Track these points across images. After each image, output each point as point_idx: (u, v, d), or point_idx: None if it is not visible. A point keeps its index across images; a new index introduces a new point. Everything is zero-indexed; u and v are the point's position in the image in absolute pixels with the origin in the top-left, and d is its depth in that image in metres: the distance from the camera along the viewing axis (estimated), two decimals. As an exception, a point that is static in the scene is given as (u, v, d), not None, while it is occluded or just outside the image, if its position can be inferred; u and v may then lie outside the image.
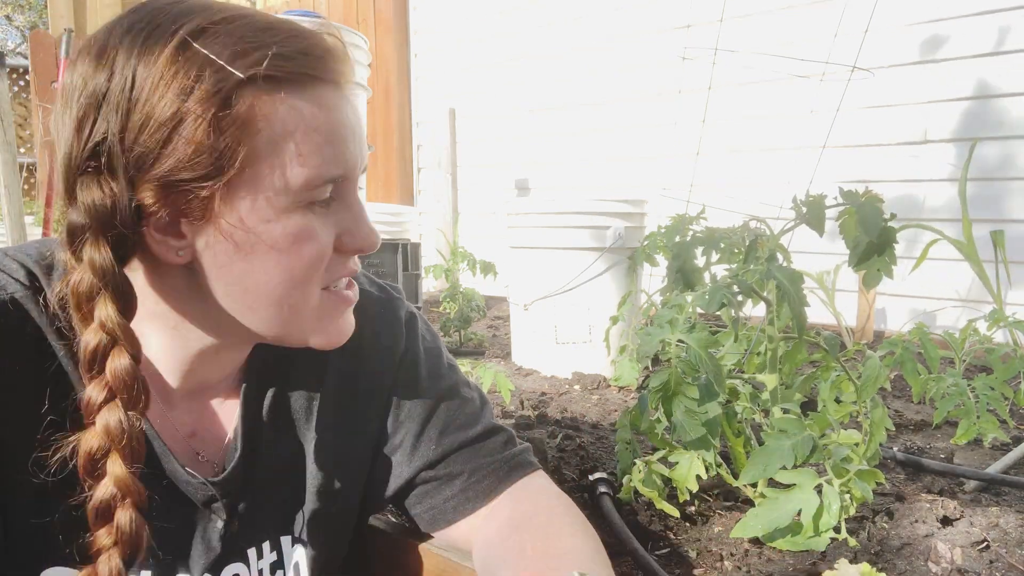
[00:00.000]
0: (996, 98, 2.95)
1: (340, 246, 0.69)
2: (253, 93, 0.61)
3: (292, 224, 0.64)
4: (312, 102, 0.63)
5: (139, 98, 0.59)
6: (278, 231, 0.64)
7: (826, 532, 1.04)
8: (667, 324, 1.08)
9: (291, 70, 0.62)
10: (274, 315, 0.68)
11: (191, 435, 0.77)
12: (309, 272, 0.67)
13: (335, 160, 0.65)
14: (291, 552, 0.83)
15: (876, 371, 1.16)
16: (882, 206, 1.11)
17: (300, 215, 0.65)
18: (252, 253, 0.64)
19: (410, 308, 0.92)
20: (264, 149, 0.62)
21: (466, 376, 0.94)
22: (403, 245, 2.70)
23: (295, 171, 0.63)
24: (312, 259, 0.66)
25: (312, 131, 0.63)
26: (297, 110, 0.62)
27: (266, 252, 0.64)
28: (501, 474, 0.85)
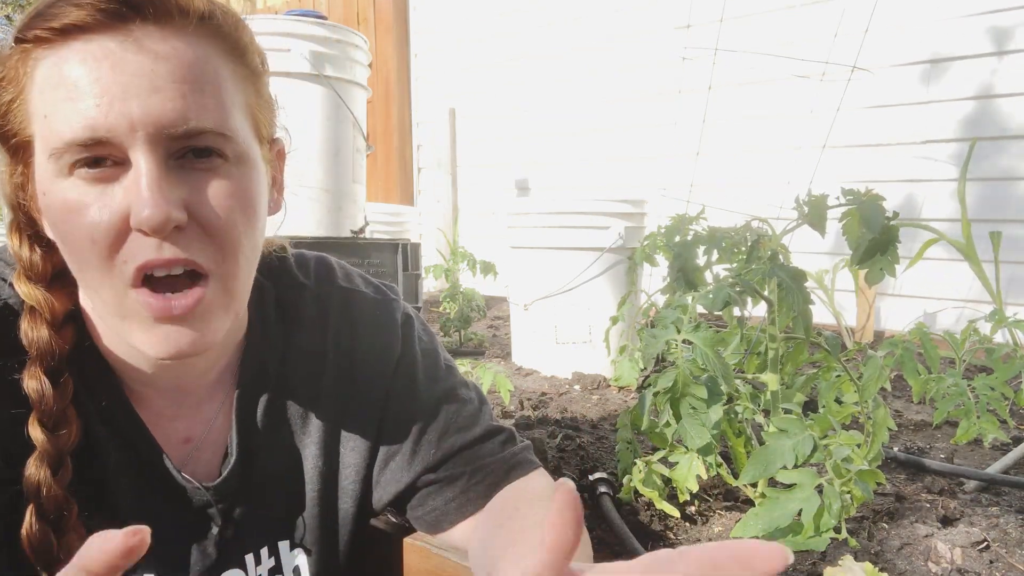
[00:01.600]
0: (996, 98, 2.95)
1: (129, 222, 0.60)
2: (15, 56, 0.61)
3: (59, 193, 0.60)
4: (62, 55, 0.58)
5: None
6: (54, 202, 0.61)
7: (826, 532, 1.04)
8: (671, 325, 1.08)
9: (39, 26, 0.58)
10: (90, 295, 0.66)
11: (186, 441, 0.77)
12: (84, 249, 0.60)
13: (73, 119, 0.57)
14: (290, 558, 0.83)
15: (877, 371, 1.16)
16: (883, 205, 1.11)
17: (69, 184, 0.60)
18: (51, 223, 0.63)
19: (406, 309, 0.90)
20: (30, 113, 0.61)
21: (464, 376, 0.93)
22: (403, 245, 2.70)
23: (44, 134, 0.60)
24: (83, 234, 0.60)
25: (56, 87, 0.58)
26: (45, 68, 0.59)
27: (54, 222, 0.62)
28: (500, 474, 0.85)
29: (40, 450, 0.63)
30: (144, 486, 0.73)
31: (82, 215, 0.59)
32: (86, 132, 0.57)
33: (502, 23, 4.69)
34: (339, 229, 2.62)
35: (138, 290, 0.61)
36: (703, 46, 3.31)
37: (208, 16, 0.63)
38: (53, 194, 0.60)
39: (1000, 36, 2.92)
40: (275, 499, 0.82)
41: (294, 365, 0.81)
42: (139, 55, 0.58)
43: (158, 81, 0.58)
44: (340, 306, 0.85)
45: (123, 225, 0.60)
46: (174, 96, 0.59)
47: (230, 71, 0.64)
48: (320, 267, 0.87)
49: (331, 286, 0.85)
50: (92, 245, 0.60)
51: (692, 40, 3.39)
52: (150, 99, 0.58)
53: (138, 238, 0.60)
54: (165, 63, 0.59)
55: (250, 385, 0.79)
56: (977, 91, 2.99)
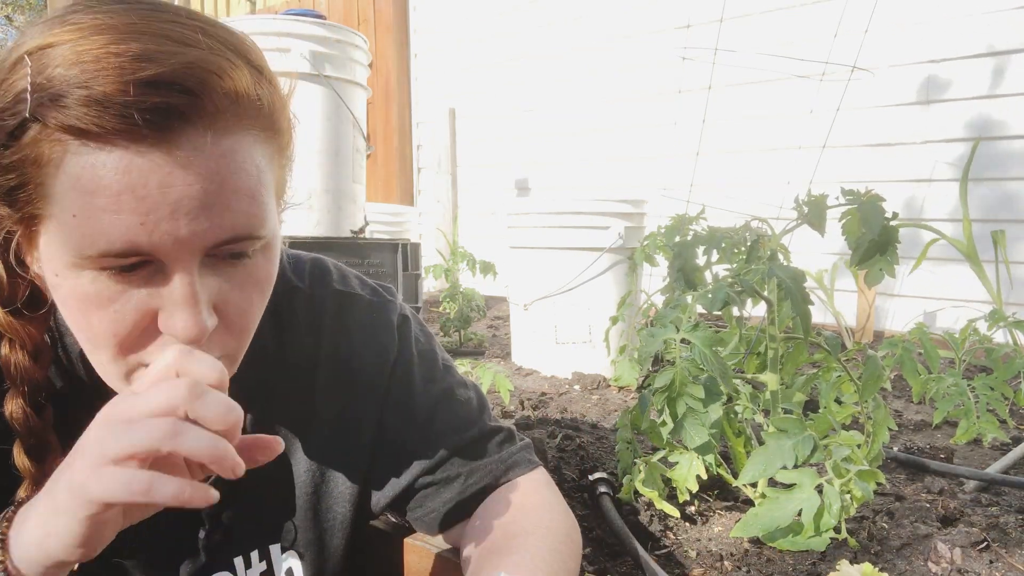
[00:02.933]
0: (996, 98, 2.95)
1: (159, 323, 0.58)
2: (43, 133, 0.53)
3: (81, 285, 0.56)
4: (101, 159, 0.52)
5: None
6: (66, 288, 0.57)
7: (826, 532, 1.04)
8: (670, 324, 1.08)
9: (74, 122, 0.51)
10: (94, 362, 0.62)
11: None
12: (101, 340, 0.58)
13: (117, 233, 0.53)
14: (281, 561, 0.82)
15: (877, 371, 1.16)
16: (883, 205, 1.11)
17: (91, 276, 0.55)
18: (59, 296, 0.59)
19: (403, 310, 0.89)
20: (49, 195, 0.54)
21: (463, 376, 0.92)
22: (403, 245, 2.70)
23: (71, 231, 0.54)
24: (101, 329, 0.57)
25: (88, 193, 0.52)
26: (79, 165, 0.52)
27: (63, 302, 0.59)
28: (497, 474, 0.84)
29: (30, 480, 0.63)
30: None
31: (104, 309, 0.56)
32: (126, 247, 0.54)
33: (502, 23, 4.69)
34: (339, 229, 2.62)
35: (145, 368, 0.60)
36: (703, 46, 3.31)
37: (258, 104, 0.58)
38: (69, 281, 0.57)
39: (1000, 36, 2.92)
40: (265, 503, 0.81)
41: (287, 368, 0.80)
42: (188, 172, 0.53)
43: (207, 200, 0.54)
44: (335, 309, 0.84)
45: (149, 321, 0.58)
46: (222, 211, 0.55)
47: (267, 155, 0.60)
48: (315, 269, 0.87)
49: (325, 288, 0.84)
50: (112, 338, 0.57)
51: (692, 40, 3.39)
52: (198, 219, 0.54)
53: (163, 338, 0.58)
54: (214, 179, 0.55)
55: (241, 389, 0.78)
56: (977, 91, 2.99)
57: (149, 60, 0.51)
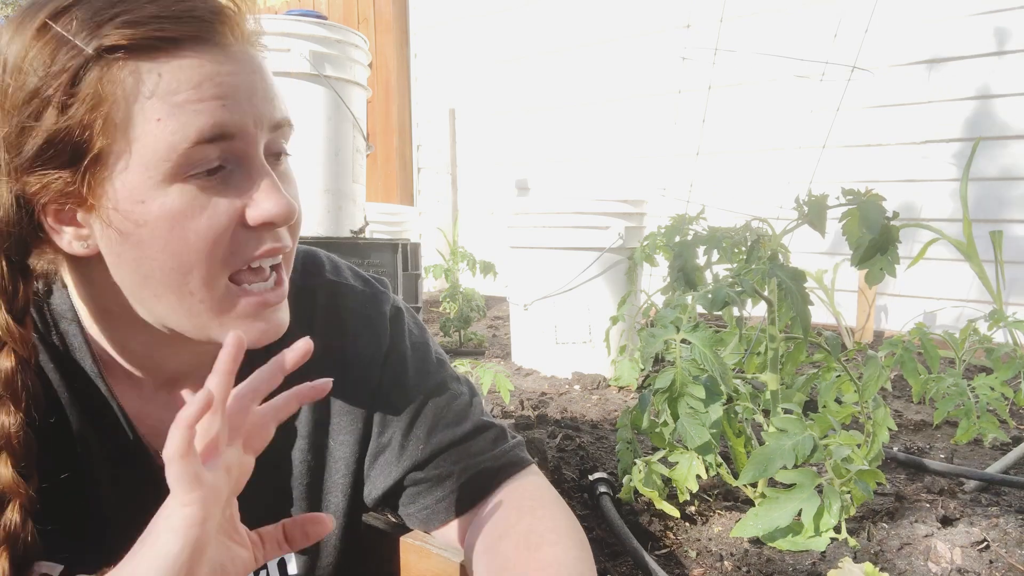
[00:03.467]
0: (997, 98, 2.95)
1: (244, 220, 0.62)
2: (101, 67, 0.57)
3: (170, 200, 0.59)
4: (171, 65, 0.58)
5: (10, 82, 0.58)
6: (155, 210, 0.59)
7: (826, 532, 1.04)
8: (670, 324, 1.08)
9: (140, 36, 0.57)
10: (178, 305, 0.63)
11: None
12: (201, 253, 0.60)
13: (202, 119, 0.58)
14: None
15: (877, 371, 1.16)
16: (884, 205, 1.11)
17: (179, 189, 0.59)
18: (137, 237, 0.60)
19: (396, 302, 0.89)
20: (120, 123, 0.58)
21: (455, 370, 0.91)
22: (403, 245, 2.70)
23: (156, 139, 0.58)
24: (201, 238, 0.60)
25: (170, 93, 0.58)
26: (153, 75, 0.58)
27: (150, 235, 0.60)
28: (491, 473, 0.83)
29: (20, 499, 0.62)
30: (127, 480, 0.72)
31: (199, 218, 0.60)
32: (215, 130, 0.59)
33: (502, 23, 4.69)
34: (339, 229, 2.62)
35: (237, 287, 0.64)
36: (703, 46, 3.31)
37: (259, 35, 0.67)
38: (157, 201, 0.59)
39: (1000, 36, 2.92)
40: (261, 495, 0.80)
41: None
42: (242, 64, 0.62)
43: (261, 85, 0.63)
44: (327, 300, 0.84)
45: (239, 223, 0.62)
46: (272, 96, 0.64)
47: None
48: (307, 261, 0.87)
49: (318, 279, 0.84)
50: (213, 246, 0.61)
51: (692, 40, 3.39)
52: (263, 99, 0.62)
53: (248, 235, 0.63)
54: (258, 71, 0.63)
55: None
56: (977, 91, 2.99)
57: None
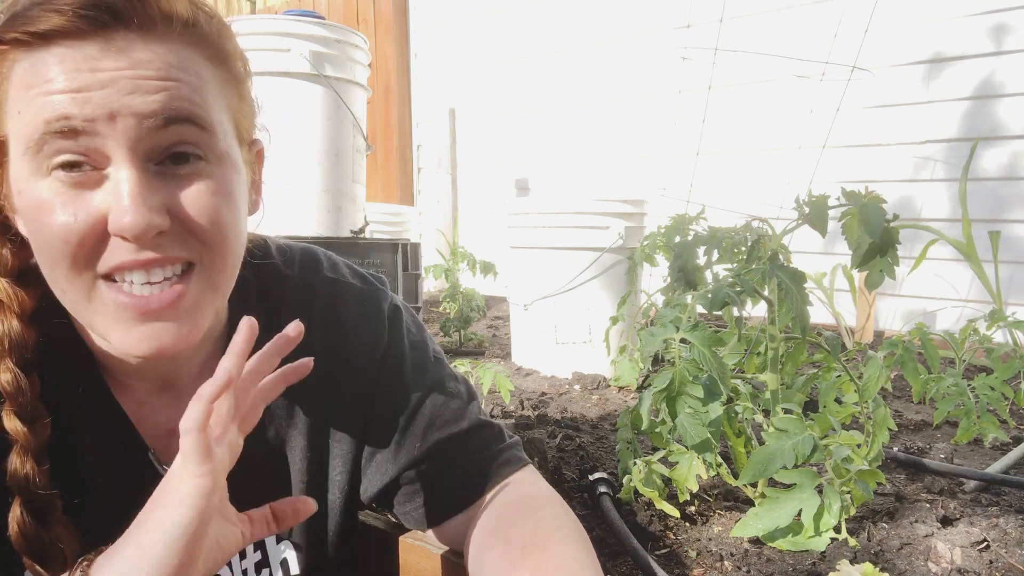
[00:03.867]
0: (997, 98, 2.95)
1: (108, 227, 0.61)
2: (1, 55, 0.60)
3: (37, 193, 0.60)
4: (40, 57, 0.59)
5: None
6: (27, 200, 0.61)
7: (826, 532, 1.04)
8: (670, 324, 1.08)
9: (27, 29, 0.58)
10: (56, 293, 0.65)
11: (170, 432, 0.76)
12: (56, 250, 0.60)
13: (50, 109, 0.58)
14: (277, 551, 0.82)
15: (877, 371, 1.16)
16: (884, 206, 1.11)
17: (47, 183, 0.60)
18: (24, 222, 0.63)
19: (394, 300, 0.89)
20: (3, 112, 0.61)
21: (453, 369, 0.91)
22: (403, 245, 2.70)
23: (19, 130, 0.60)
24: (56, 235, 0.60)
25: (28, 87, 0.59)
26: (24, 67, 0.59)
27: (28, 222, 0.62)
28: (488, 472, 0.83)
29: (22, 443, 0.63)
30: (126, 478, 0.73)
31: (55, 214, 0.59)
32: (60, 119, 0.57)
33: (502, 23, 4.69)
34: (339, 229, 2.62)
35: (109, 286, 0.62)
36: (703, 46, 3.31)
37: (192, 23, 0.63)
38: (28, 192, 0.60)
39: (1000, 36, 2.92)
40: (259, 492, 0.81)
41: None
42: (119, 60, 0.59)
43: (139, 83, 0.59)
44: (325, 296, 0.84)
45: (100, 229, 0.60)
46: (155, 92, 0.60)
47: (212, 75, 0.65)
48: (305, 257, 0.87)
49: (316, 276, 0.84)
50: (64, 245, 0.60)
51: (692, 40, 3.39)
52: (130, 96, 0.59)
53: (116, 244, 0.60)
54: (147, 67, 0.60)
55: None
56: (977, 91, 2.99)
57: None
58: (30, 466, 0.63)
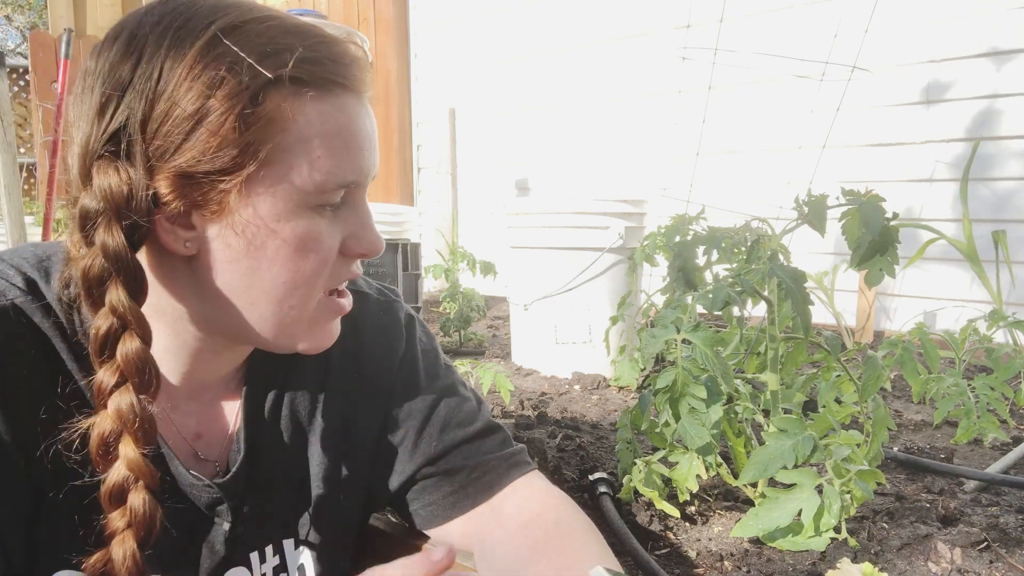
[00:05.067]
0: (996, 98, 2.95)
1: (345, 250, 0.70)
2: (280, 93, 0.62)
3: (303, 225, 0.65)
4: (334, 107, 0.65)
5: (165, 89, 0.60)
6: (288, 231, 0.65)
7: (826, 532, 1.04)
8: (671, 324, 1.08)
9: (317, 74, 0.63)
10: (272, 314, 0.68)
11: (196, 437, 0.77)
12: (314, 274, 0.67)
13: (350, 166, 0.66)
14: (295, 555, 0.83)
15: (877, 371, 1.16)
16: (883, 205, 1.11)
17: (310, 217, 0.65)
18: (261, 250, 0.65)
19: (408, 310, 0.92)
20: (285, 148, 0.63)
21: (462, 376, 0.94)
22: (403, 245, 2.70)
23: (312, 173, 0.64)
24: (318, 261, 0.67)
25: (332, 136, 0.64)
26: (320, 113, 0.64)
27: (275, 250, 0.65)
28: (501, 471, 0.86)
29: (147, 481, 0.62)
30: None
31: (321, 244, 0.67)
32: (358, 176, 0.67)
33: (502, 23, 4.69)
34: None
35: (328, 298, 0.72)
36: (703, 46, 3.31)
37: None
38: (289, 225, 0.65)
39: (1000, 36, 2.92)
40: (280, 497, 0.82)
41: (300, 364, 0.82)
42: (370, 116, 0.70)
43: (375, 138, 0.70)
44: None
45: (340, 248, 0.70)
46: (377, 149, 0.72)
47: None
48: None
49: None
50: (322, 270, 0.68)
51: (692, 40, 3.39)
52: (374, 152, 0.70)
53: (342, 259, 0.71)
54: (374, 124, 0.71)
55: (259, 383, 0.80)
56: (977, 91, 2.99)
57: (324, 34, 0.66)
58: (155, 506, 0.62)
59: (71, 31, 3.60)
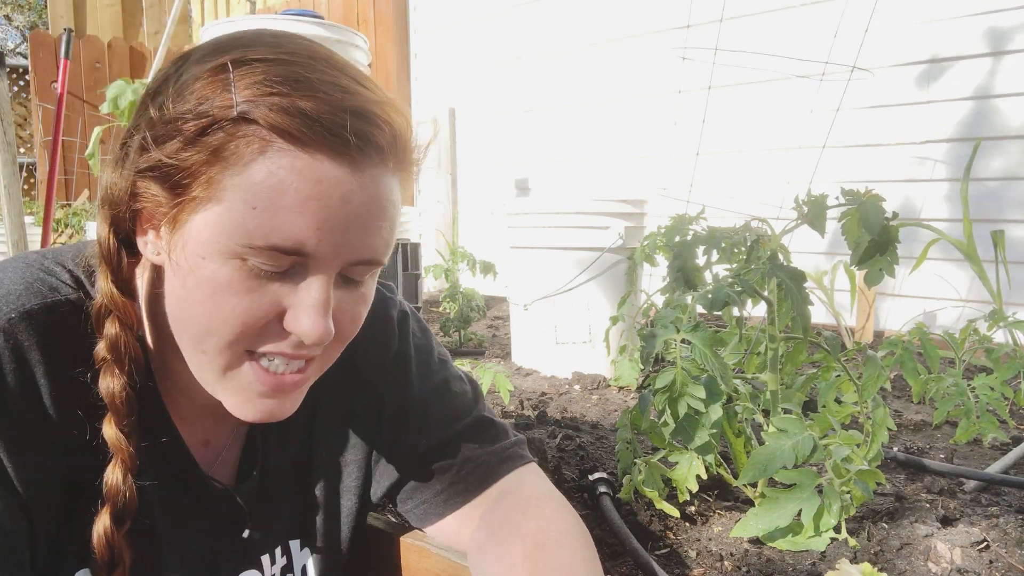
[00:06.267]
0: (996, 98, 2.95)
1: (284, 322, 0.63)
2: (239, 130, 0.58)
3: (225, 272, 0.60)
4: (294, 161, 0.58)
5: (173, 100, 0.61)
6: (208, 271, 0.60)
7: (826, 532, 1.04)
8: (670, 324, 1.08)
9: (286, 126, 0.58)
10: (190, 354, 0.66)
11: (205, 443, 0.78)
12: (227, 326, 0.61)
13: (294, 232, 0.58)
14: (301, 556, 0.84)
15: (877, 371, 1.16)
16: (883, 205, 1.11)
17: (237, 266, 0.60)
18: (187, 279, 0.62)
19: (402, 306, 0.92)
20: (223, 187, 0.59)
21: (458, 369, 0.94)
22: (403, 245, 2.70)
23: (242, 220, 0.58)
24: (235, 316, 0.61)
25: (276, 192, 0.58)
26: (280, 167, 0.58)
27: (195, 285, 0.62)
28: (491, 466, 0.86)
29: (124, 457, 0.64)
30: (173, 488, 0.74)
31: (240, 298, 0.61)
32: (295, 246, 0.59)
33: (502, 23, 4.69)
34: (339, 229, 2.62)
35: (252, 364, 0.64)
36: (703, 46, 3.31)
37: (409, 147, 0.66)
38: (213, 265, 0.60)
39: (1000, 36, 2.92)
40: (287, 498, 0.83)
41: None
42: (364, 192, 0.60)
43: (370, 221, 0.61)
44: None
45: (276, 318, 0.62)
46: (375, 235, 0.63)
47: (399, 197, 0.67)
48: None
49: None
50: (241, 326, 0.61)
51: (692, 40, 3.39)
52: (360, 236, 0.61)
53: (279, 331, 0.63)
54: (378, 203, 0.62)
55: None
56: (977, 91, 2.99)
57: (350, 92, 0.60)
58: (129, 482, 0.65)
59: (71, 31, 3.60)
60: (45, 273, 0.68)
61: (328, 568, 0.86)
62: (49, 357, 0.63)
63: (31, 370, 0.62)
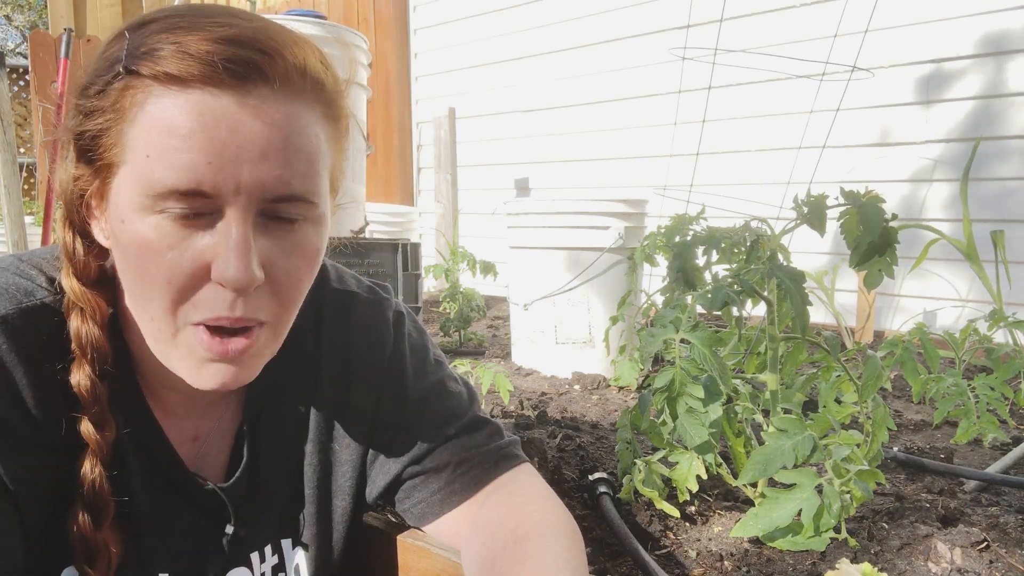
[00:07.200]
0: (996, 98, 2.95)
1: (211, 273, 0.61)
2: (129, 85, 0.59)
3: (143, 229, 0.59)
4: (178, 100, 0.57)
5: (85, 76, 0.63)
6: (129, 233, 0.60)
7: (826, 532, 1.04)
8: (670, 324, 1.08)
9: (164, 68, 0.57)
10: (143, 323, 0.65)
11: (193, 439, 0.78)
12: (158, 287, 0.61)
13: (185, 173, 0.57)
14: (292, 554, 0.84)
15: (877, 371, 1.16)
16: (883, 206, 1.11)
17: (154, 221, 0.59)
18: (120, 249, 0.63)
19: (398, 307, 0.92)
20: (127, 143, 0.59)
21: (454, 371, 0.94)
22: (403, 245, 2.70)
23: (142, 171, 0.58)
24: (161, 274, 0.60)
25: (166, 134, 0.57)
26: (159, 106, 0.58)
27: (123, 253, 0.62)
28: (487, 466, 0.86)
29: (94, 447, 0.65)
30: (159, 486, 0.74)
31: (163, 255, 0.60)
32: (191, 185, 0.58)
33: (502, 23, 4.69)
34: (339, 229, 2.62)
35: (196, 328, 0.63)
36: (703, 46, 3.31)
37: (321, 83, 0.64)
38: (133, 225, 0.60)
39: (1000, 37, 2.92)
40: (278, 496, 0.83)
41: (292, 366, 0.83)
42: (256, 121, 0.59)
43: (269, 149, 0.59)
44: (334, 308, 0.86)
45: (202, 272, 0.61)
46: (281, 164, 0.60)
47: (326, 135, 0.65)
48: None
49: (324, 289, 0.87)
50: (167, 285, 0.60)
51: (692, 40, 3.39)
52: (259, 166, 0.59)
53: (213, 287, 0.61)
54: (278, 131, 0.60)
55: (253, 386, 0.80)
56: (977, 91, 2.99)
57: (231, 25, 0.59)
58: (99, 471, 0.65)
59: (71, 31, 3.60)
60: (20, 277, 0.68)
61: (321, 567, 0.86)
62: (27, 360, 0.63)
63: (11, 374, 0.63)
